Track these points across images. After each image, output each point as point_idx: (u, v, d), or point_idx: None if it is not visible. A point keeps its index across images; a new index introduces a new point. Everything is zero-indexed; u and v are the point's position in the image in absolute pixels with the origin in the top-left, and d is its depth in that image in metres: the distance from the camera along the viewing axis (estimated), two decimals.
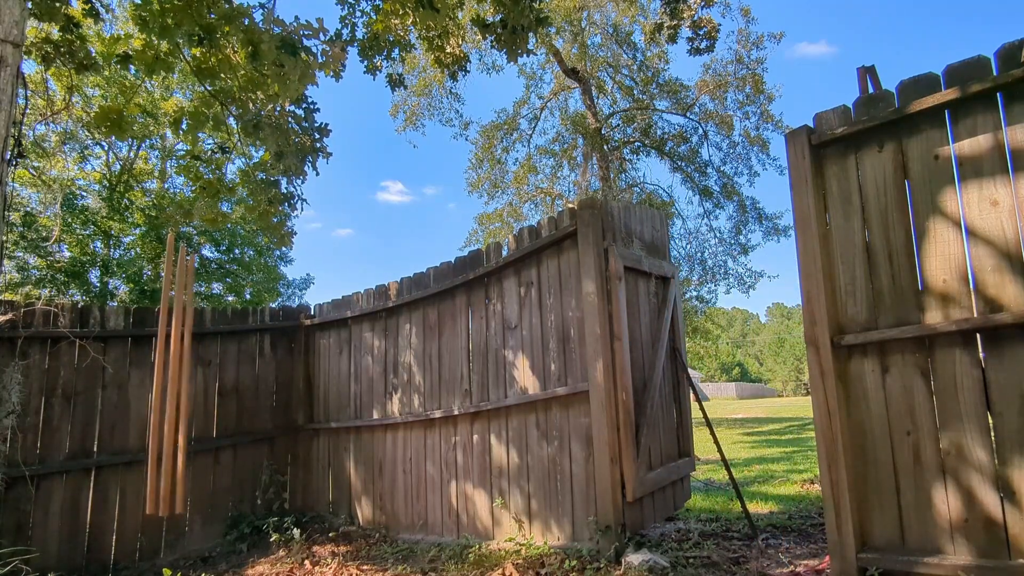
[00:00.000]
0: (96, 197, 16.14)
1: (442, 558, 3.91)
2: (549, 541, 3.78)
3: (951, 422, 2.36)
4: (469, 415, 4.43)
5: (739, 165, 15.82)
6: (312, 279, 21.47)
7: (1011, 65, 2.29)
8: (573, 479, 3.73)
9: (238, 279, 17.94)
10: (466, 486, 4.40)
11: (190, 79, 8.68)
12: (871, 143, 2.65)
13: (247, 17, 3.56)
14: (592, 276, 3.63)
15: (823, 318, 2.65)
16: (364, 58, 4.53)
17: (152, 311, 5.04)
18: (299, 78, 3.54)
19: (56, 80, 5.36)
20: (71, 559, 4.34)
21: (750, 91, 15.12)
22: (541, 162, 16.94)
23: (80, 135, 15.29)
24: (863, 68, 3.07)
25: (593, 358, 3.57)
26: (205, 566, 4.59)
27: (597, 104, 16.07)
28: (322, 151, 4.30)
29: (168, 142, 17.57)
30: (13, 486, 4.17)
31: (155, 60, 3.80)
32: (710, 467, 8.20)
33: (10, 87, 1.97)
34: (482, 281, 4.49)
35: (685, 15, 8.79)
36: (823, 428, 2.62)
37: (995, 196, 2.32)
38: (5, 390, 4.20)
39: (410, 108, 15.97)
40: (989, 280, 2.32)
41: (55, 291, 14.67)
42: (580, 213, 3.75)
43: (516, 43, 4.06)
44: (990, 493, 2.26)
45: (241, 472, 5.38)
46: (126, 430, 4.77)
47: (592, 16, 15.68)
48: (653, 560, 3.17)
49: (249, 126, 3.82)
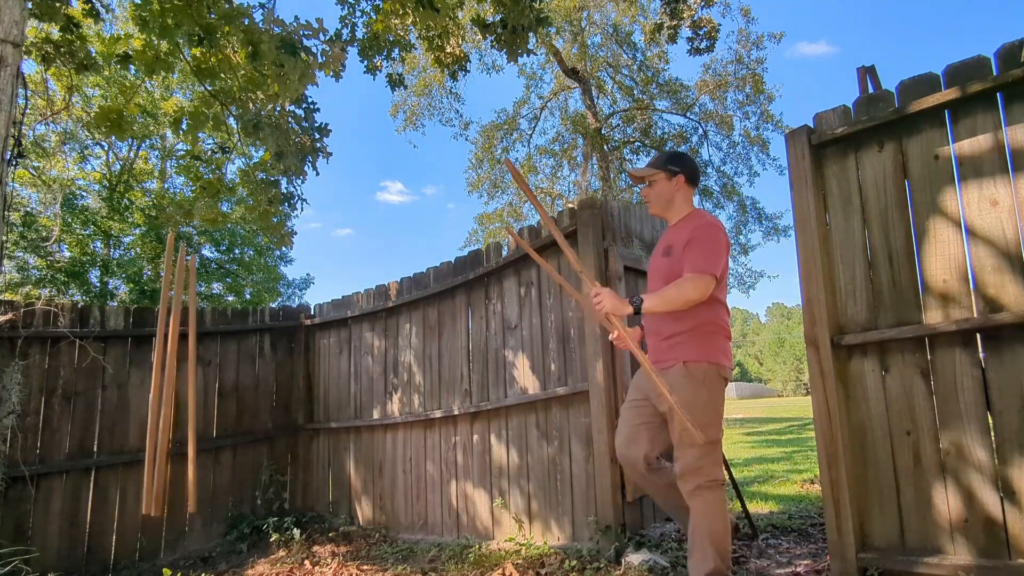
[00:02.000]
0: (96, 197, 16.14)
1: (442, 558, 3.91)
2: (549, 541, 3.78)
3: (951, 422, 2.36)
4: (469, 415, 4.43)
5: (739, 165, 15.83)
6: (312, 279, 21.49)
7: (1011, 65, 2.29)
8: (573, 479, 3.73)
9: (238, 279, 17.94)
10: (466, 486, 4.40)
11: (190, 79, 8.67)
12: (871, 143, 2.65)
13: (247, 17, 3.56)
14: (592, 276, 3.63)
15: (823, 318, 2.65)
16: (364, 58, 4.53)
17: (152, 311, 5.04)
18: (299, 78, 3.54)
19: (56, 80, 5.36)
20: (71, 559, 4.35)
21: (750, 91, 15.12)
22: (541, 162, 16.95)
23: (80, 135, 15.29)
24: (863, 68, 3.07)
25: (593, 358, 3.57)
26: (205, 566, 4.59)
27: (597, 104, 16.06)
28: (322, 151, 4.30)
29: (168, 142, 17.57)
30: (13, 486, 4.17)
31: (155, 60, 3.80)
32: None
33: (10, 87, 1.97)
34: (482, 281, 4.49)
35: (685, 15, 8.79)
36: (823, 428, 2.62)
37: (995, 196, 2.32)
38: (5, 390, 4.20)
39: (410, 108, 15.96)
40: (989, 280, 2.32)
41: (55, 291, 14.68)
42: (580, 213, 3.75)
43: (516, 43, 4.07)
44: (990, 493, 2.26)
45: (241, 472, 5.38)
46: (126, 430, 4.77)
47: (592, 16, 15.68)
48: (653, 560, 3.17)
49: (249, 126, 3.82)
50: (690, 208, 2.66)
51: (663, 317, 2.54)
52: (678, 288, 2.37)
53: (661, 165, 2.64)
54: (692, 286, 2.36)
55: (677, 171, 2.62)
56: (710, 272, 2.39)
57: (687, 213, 2.63)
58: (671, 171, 2.62)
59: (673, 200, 2.63)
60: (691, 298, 2.37)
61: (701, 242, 2.44)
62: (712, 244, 2.45)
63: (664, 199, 2.64)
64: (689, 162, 2.68)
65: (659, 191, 2.64)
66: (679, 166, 2.63)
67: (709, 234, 2.47)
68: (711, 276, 2.39)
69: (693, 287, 2.36)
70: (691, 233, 2.48)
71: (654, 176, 2.64)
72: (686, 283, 2.37)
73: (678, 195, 2.63)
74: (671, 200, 2.63)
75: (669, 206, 2.64)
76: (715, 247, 2.45)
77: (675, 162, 2.64)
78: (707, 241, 2.45)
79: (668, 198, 2.63)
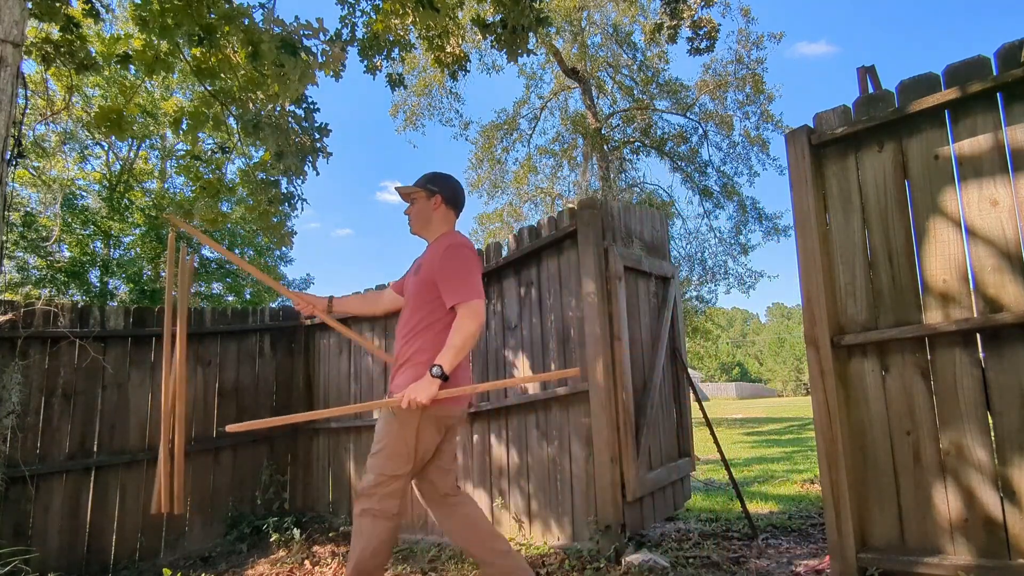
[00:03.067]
0: (96, 197, 16.14)
1: (442, 558, 3.91)
2: (549, 541, 3.78)
3: (951, 422, 2.36)
4: (469, 415, 4.42)
5: (739, 165, 15.83)
6: (312, 279, 21.51)
7: (1011, 65, 2.29)
8: (573, 479, 3.73)
9: (238, 279, 17.94)
10: (466, 486, 4.40)
11: (190, 79, 8.68)
12: (871, 143, 2.65)
13: (247, 17, 3.56)
14: (592, 276, 3.63)
15: (823, 318, 2.65)
16: (364, 58, 4.53)
17: (152, 311, 5.04)
18: (299, 78, 3.54)
19: (56, 80, 5.36)
20: (71, 559, 4.34)
21: (750, 91, 15.13)
22: (541, 162, 16.95)
23: (80, 135, 15.29)
24: (863, 68, 3.07)
25: (593, 358, 3.57)
26: (205, 566, 4.59)
27: (597, 104, 16.07)
28: (322, 151, 4.30)
29: (168, 142, 17.57)
30: (13, 486, 4.17)
31: (155, 60, 3.80)
32: (710, 467, 8.20)
33: (10, 87, 1.97)
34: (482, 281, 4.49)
35: (685, 15, 8.79)
36: (823, 428, 2.62)
37: (995, 196, 2.32)
38: (5, 390, 4.20)
39: (410, 108, 15.97)
40: (989, 280, 2.32)
41: (55, 291, 14.68)
42: (580, 213, 3.75)
43: (516, 43, 4.07)
44: (990, 493, 2.26)
45: (241, 472, 5.38)
46: (126, 430, 4.77)
47: (592, 16, 15.68)
48: (653, 560, 3.17)
49: (249, 126, 3.82)
50: (446, 229, 2.67)
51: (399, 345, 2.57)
52: (457, 332, 2.35)
53: (422, 184, 2.67)
54: (468, 320, 2.35)
55: (436, 191, 2.64)
56: (474, 297, 2.39)
57: (441, 234, 2.64)
58: (430, 191, 2.64)
59: (431, 220, 2.65)
60: (474, 331, 2.37)
61: (454, 270, 2.44)
62: (463, 268, 2.44)
63: (422, 218, 2.65)
64: (450, 184, 2.69)
65: (418, 209, 2.66)
66: (438, 187, 2.65)
67: (458, 257, 2.45)
68: (478, 299, 2.39)
69: (470, 320, 2.35)
70: (441, 257, 2.47)
71: (415, 194, 2.66)
72: (461, 321, 2.36)
73: (435, 215, 2.64)
74: (429, 219, 2.65)
75: (427, 225, 2.66)
76: (467, 268, 2.44)
77: (435, 182, 2.66)
78: (458, 267, 2.44)
79: (426, 217, 2.65)
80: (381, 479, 2.40)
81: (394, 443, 2.40)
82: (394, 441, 2.40)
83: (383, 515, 2.41)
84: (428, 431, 2.42)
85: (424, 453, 2.46)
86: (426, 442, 2.43)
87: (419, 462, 2.46)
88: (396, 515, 2.44)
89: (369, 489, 2.41)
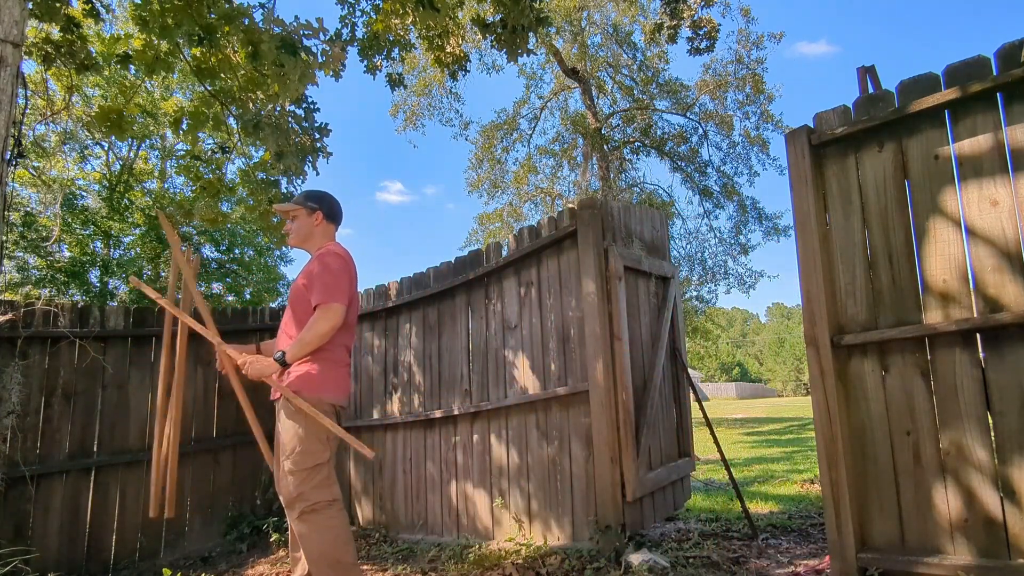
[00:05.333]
0: (96, 197, 16.14)
1: (442, 558, 3.91)
2: (549, 541, 3.78)
3: (951, 422, 2.36)
4: (469, 415, 4.42)
5: (739, 165, 15.83)
6: None
7: (1011, 65, 2.29)
8: (573, 479, 3.73)
9: (238, 279, 17.94)
10: (466, 486, 4.40)
11: (190, 79, 8.68)
12: (871, 143, 2.65)
13: (247, 17, 3.56)
14: (592, 276, 3.63)
15: (823, 318, 2.65)
16: (364, 58, 4.53)
17: (152, 311, 5.04)
18: (299, 78, 3.54)
19: (56, 80, 5.35)
20: (71, 559, 4.34)
21: (750, 91, 15.13)
22: (541, 162, 16.95)
23: (80, 135, 15.29)
24: (863, 68, 3.07)
25: (593, 358, 3.57)
26: (205, 566, 4.59)
27: (597, 104, 16.07)
28: (322, 151, 4.30)
29: (168, 142, 17.57)
30: (13, 486, 4.17)
31: (155, 60, 3.80)
32: (710, 467, 8.20)
33: (10, 87, 1.97)
34: (482, 281, 4.49)
35: (685, 15, 8.79)
36: (823, 428, 2.62)
37: (995, 196, 2.32)
38: (5, 390, 4.20)
39: (410, 108, 15.97)
40: (989, 280, 2.32)
41: (55, 291, 14.68)
42: (580, 213, 3.75)
43: (516, 43, 4.06)
44: (990, 493, 2.26)
45: (241, 472, 5.38)
46: (126, 430, 4.77)
47: (592, 16, 15.68)
48: (653, 560, 3.17)
49: (249, 126, 3.81)
50: (326, 241, 2.86)
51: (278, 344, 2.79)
52: (310, 329, 2.54)
53: (302, 202, 2.86)
54: (323, 320, 2.54)
55: (316, 208, 2.84)
56: (336, 300, 2.56)
57: (321, 246, 2.82)
58: (311, 208, 2.84)
59: (313, 234, 2.85)
60: (325, 331, 2.55)
61: (322, 274, 2.62)
62: (330, 273, 2.62)
63: (303, 233, 2.85)
64: (328, 201, 2.90)
65: (299, 225, 2.85)
66: (318, 204, 2.85)
67: (328, 264, 2.65)
68: (339, 303, 2.56)
69: (324, 320, 2.54)
70: (317, 264, 2.67)
71: (296, 211, 2.86)
72: (316, 320, 2.54)
73: (317, 230, 2.85)
74: (311, 234, 2.85)
75: (308, 239, 2.85)
76: (336, 274, 2.63)
77: (314, 200, 2.86)
78: (328, 272, 2.63)
79: (308, 232, 2.84)
80: (304, 475, 2.53)
81: (303, 438, 2.55)
82: (302, 437, 2.55)
83: (323, 505, 2.54)
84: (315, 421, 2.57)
85: (328, 435, 2.61)
86: (322, 427, 2.58)
87: (331, 445, 2.65)
88: (335, 499, 2.59)
89: (296, 493, 2.54)
